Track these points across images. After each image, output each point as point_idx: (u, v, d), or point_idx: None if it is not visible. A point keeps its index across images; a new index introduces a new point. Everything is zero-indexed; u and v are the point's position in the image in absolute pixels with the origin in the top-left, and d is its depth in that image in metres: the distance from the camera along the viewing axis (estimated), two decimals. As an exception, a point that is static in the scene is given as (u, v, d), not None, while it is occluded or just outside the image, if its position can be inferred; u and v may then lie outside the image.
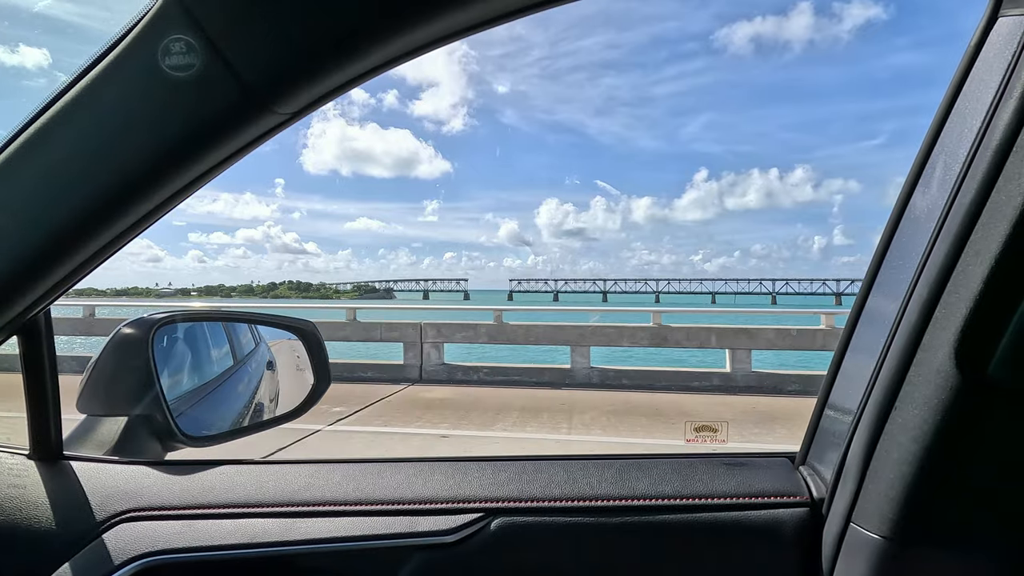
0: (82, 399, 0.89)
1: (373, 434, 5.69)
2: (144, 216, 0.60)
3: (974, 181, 0.53)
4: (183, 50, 0.50)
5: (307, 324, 1.12)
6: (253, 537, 0.72)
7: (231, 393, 1.37)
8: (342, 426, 5.95)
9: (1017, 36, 0.52)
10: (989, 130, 0.52)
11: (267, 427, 1.08)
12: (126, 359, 0.90)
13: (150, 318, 0.94)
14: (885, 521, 0.59)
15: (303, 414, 1.13)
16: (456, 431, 5.77)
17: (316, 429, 5.66)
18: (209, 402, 1.25)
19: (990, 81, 0.54)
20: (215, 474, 0.79)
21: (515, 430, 5.85)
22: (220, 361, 1.37)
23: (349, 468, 0.79)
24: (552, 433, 5.75)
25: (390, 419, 6.34)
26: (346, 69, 0.52)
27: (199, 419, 1.19)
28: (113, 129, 0.54)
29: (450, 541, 0.71)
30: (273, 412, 1.47)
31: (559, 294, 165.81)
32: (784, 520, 0.69)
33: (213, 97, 0.51)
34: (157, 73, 0.51)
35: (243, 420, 1.36)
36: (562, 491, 0.73)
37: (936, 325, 0.55)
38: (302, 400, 1.13)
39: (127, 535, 0.72)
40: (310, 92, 0.54)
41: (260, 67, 0.50)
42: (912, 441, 0.57)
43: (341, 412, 6.40)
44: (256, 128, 0.55)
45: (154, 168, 0.55)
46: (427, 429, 5.86)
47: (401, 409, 6.80)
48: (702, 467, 0.75)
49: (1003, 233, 0.50)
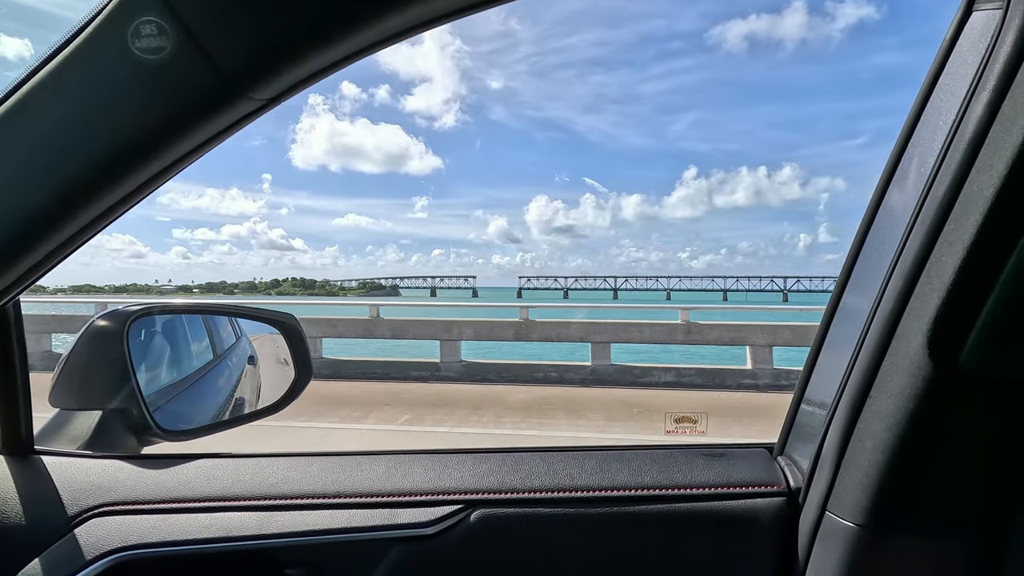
0: (55, 393, 0.87)
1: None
2: (116, 204, 0.58)
3: (948, 173, 0.53)
4: (153, 32, 0.48)
5: (287, 317, 1.10)
6: (229, 531, 0.71)
7: (211, 387, 1.35)
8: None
9: (991, 30, 0.52)
10: (962, 123, 0.53)
11: (247, 421, 1.06)
12: (100, 352, 0.88)
13: (125, 310, 0.92)
14: (859, 509, 0.59)
15: (284, 408, 1.12)
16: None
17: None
18: (188, 396, 1.24)
19: (964, 75, 0.54)
20: (191, 468, 0.78)
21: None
22: (200, 355, 1.35)
23: (328, 460, 0.78)
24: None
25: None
26: (324, 54, 0.51)
27: (178, 413, 1.18)
28: (82, 114, 0.52)
29: (429, 533, 0.70)
30: (255, 406, 1.45)
31: (569, 291, 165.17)
32: (761, 509, 0.69)
33: (185, 81, 0.50)
34: (127, 56, 0.49)
35: (224, 414, 1.34)
36: (542, 482, 0.73)
37: (910, 315, 0.56)
38: (283, 394, 1.12)
39: (99, 530, 0.71)
40: (287, 77, 0.53)
41: (234, 51, 0.49)
42: (886, 430, 0.58)
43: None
44: (231, 114, 0.54)
45: (125, 154, 0.54)
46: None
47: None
48: (681, 458, 0.75)
49: (975, 224, 0.51)
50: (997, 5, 0.52)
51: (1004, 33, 0.50)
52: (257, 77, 0.51)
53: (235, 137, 0.62)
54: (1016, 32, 0.49)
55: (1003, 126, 0.50)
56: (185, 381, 1.25)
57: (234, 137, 0.62)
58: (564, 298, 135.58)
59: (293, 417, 5.71)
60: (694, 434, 1.58)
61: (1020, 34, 0.49)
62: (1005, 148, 0.49)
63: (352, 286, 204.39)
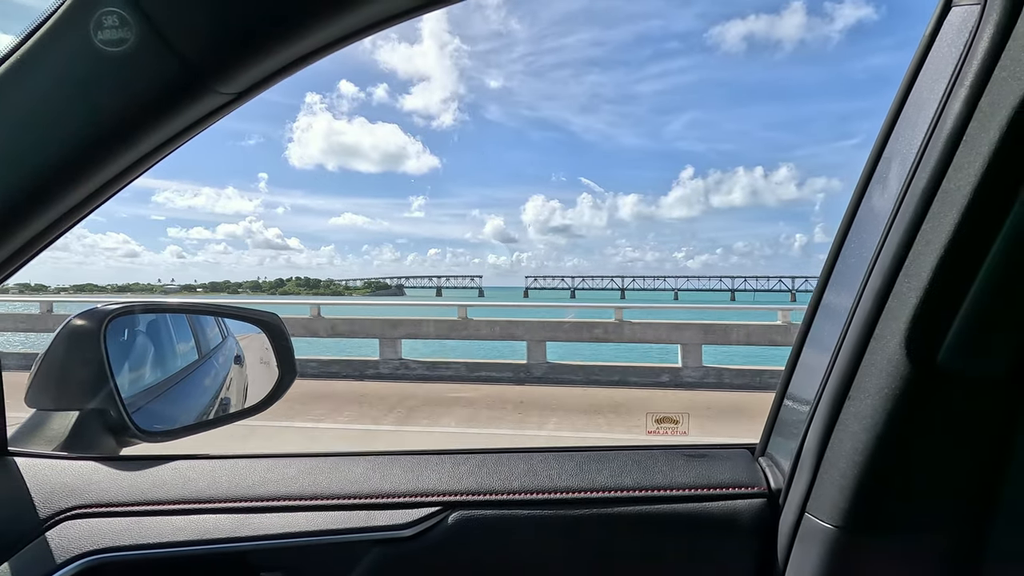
0: (31, 393, 0.86)
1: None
2: (86, 199, 0.57)
3: (926, 171, 0.53)
4: (116, 24, 0.47)
5: (271, 316, 1.09)
6: (204, 533, 0.70)
7: (196, 387, 1.34)
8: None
9: (969, 26, 0.51)
10: (941, 120, 0.52)
11: (228, 421, 1.05)
12: (77, 351, 0.87)
13: (103, 309, 0.91)
14: (838, 511, 0.59)
15: (268, 408, 1.11)
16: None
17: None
18: (171, 396, 1.22)
19: (943, 72, 0.54)
20: (167, 469, 0.76)
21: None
22: (184, 355, 1.34)
23: (306, 462, 0.77)
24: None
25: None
26: (292, 47, 0.50)
27: (161, 414, 1.16)
28: (45, 108, 0.51)
29: (407, 535, 0.69)
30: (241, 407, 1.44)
31: (576, 291, 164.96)
32: (741, 511, 0.69)
33: (149, 74, 0.49)
34: (90, 49, 0.48)
35: (208, 414, 1.33)
36: (522, 483, 0.72)
37: (888, 315, 0.55)
38: (267, 394, 1.10)
39: (72, 533, 0.69)
40: (254, 71, 0.52)
41: (198, 43, 0.48)
42: (864, 431, 0.57)
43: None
44: (199, 108, 0.53)
45: (92, 148, 0.52)
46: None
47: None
48: (662, 459, 0.75)
49: (952, 223, 0.50)
50: (975, 1, 0.51)
51: (982, 29, 0.50)
52: (224, 70, 0.50)
53: (231, 135, 0.62)
54: (994, 28, 0.49)
55: (980, 123, 0.49)
56: (168, 381, 1.23)
57: (230, 135, 0.61)
58: (571, 298, 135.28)
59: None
60: (676, 434, 1.56)
61: (997, 30, 0.48)
62: (982, 146, 0.49)
63: (357, 285, 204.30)
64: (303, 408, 6.45)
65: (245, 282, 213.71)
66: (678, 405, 6.92)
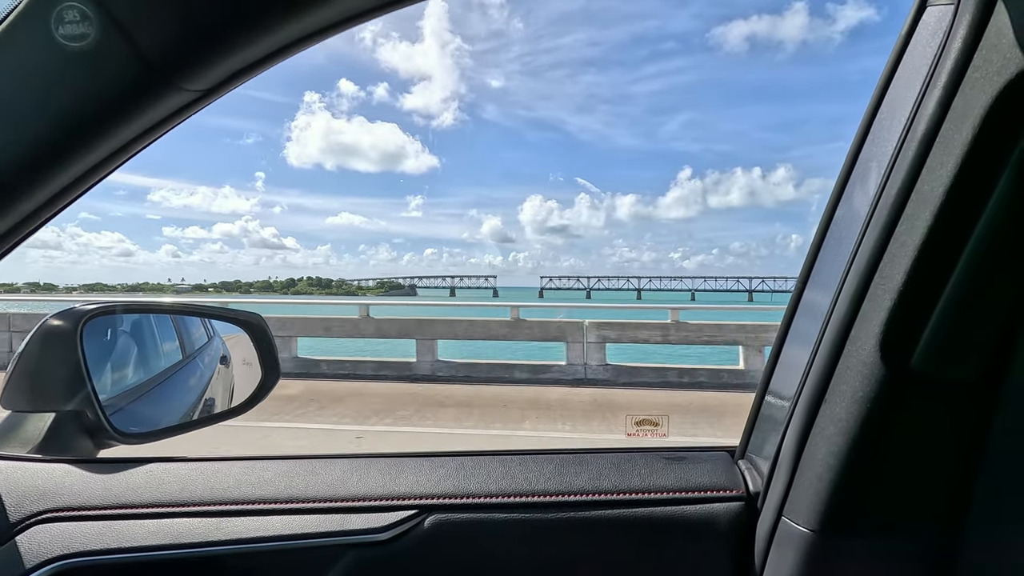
0: (6, 394, 0.84)
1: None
2: (48, 201, 0.56)
3: (901, 172, 0.52)
4: (77, 18, 0.46)
5: (253, 316, 1.08)
6: (177, 537, 0.69)
7: (179, 388, 1.33)
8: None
9: (943, 26, 0.51)
10: (915, 121, 0.52)
11: (209, 423, 1.04)
12: (53, 352, 0.86)
13: (80, 309, 0.89)
14: (814, 514, 0.58)
15: (251, 409, 1.10)
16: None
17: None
18: (154, 397, 1.21)
19: (918, 72, 0.53)
20: (141, 473, 0.75)
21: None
22: (168, 356, 1.32)
23: (281, 465, 0.76)
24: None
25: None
26: (258, 44, 0.50)
27: (143, 414, 1.15)
28: (6, 104, 0.50)
29: (382, 539, 0.69)
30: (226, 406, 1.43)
31: (591, 292, 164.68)
32: (719, 514, 0.68)
33: (113, 71, 0.48)
34: (51, 44, 0.47)
35: (192, 415, 1.32)
36: (499, 487, 0.71)
37: (863, 318, 0.55)
38: (250, 395, 1.09)
39: (42, 537, 0.68)
40: (220, 68, 0.51)
41: (160, 39, 0.47)
42: (840, 434, 0.56)
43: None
44: (164, 106, 0.52)
45: (53, 148, 0.52)
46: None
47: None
48: (641, 462, 0.74)
49: (926, 224, 0.50)
50: (949, 0, 0.51)
51: (955, 29, 0.49)
52: (188, 67, 0.49)
53: (229, 134, 0.61)
54: (967, 28, 0.48)
55: (954, 124, 0.49)
56: (151, 382, 1.22)
57: (228, 134, 0.61)
58: (587, 298, 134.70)
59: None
60: (656, 436, 1.54)
61: (971, 30, 0.48)
62: (955, 146, 0.48)
63: (370, 285, 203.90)
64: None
65: (256, 282, 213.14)
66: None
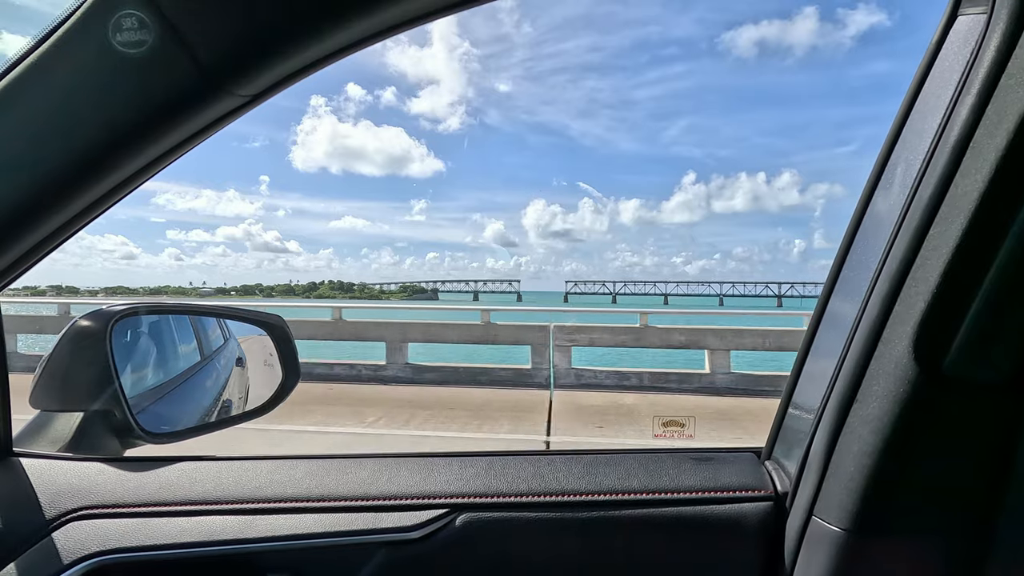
0: (35, 394, 0.85)
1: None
2: (97, 200, 0.58)
3: (933, 177, 0.53)
4: (135, 26, 0.48)
5: (275, 318, 1.09)
6: (210, 535, 0.70)
7: (198, 389, 1.34)
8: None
9: (975, 35, 0.52)
10: (947, 127, 0.53)
11: (232, 423, 1.05)
12: (82, 353, 0.87)
13: (108, 310, 0.90)
14: (845, 513, 0.59)
15: (271, 410, 1.11)
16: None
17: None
18: (174, 398, 1.22)
19: (950, 79, 0.54)
20: (173, 471, 0.76)
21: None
22: (187, 356, 1.33)
23: (312, 464, 0.77)
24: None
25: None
26: (309, 50, 0.51)
27: (163, 415, 1.16)
28: (62, 109, 0.51)
29: (414, 537, 0.69)
30: (242, 408, 1.44)
31: (617, 296, 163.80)
32: (748, 514, 0.69)
33: (167, 76, 0.49)
34: (108, 50, 0.48)
35: (210, 416, 1.33)
36: (528, 486, 0.72)
37: (896, 320, 0.56)
38: (270, 396, 1.10)
39: (78, 534, 0.69)
40: (271, 73, 0.52)
41: (217, 46, 0.49)
42: (872, 434, 0.57)
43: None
44: (214, 110, 0.53)
45: (106, 150, 0.53)
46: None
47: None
48: (669, 462, 0.75)
49: (960, 229, 0.51)
50: (982, 9, 0.52)
51: (988, 38, 0.50)
52: (240, 73, 0.50)
53: (234, 138, 0.62)
54: (1000, 37, 0.49)
55: (987, 130, 0.50)
56: (171, 383, 1.23)
57: (233, 138, 0.62)
58: (612, 303, 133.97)
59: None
60: (682, 438, 1.55)
61: (1004, 39, 0.49)
62: (989, 152, 0.49)
63: (393, 289, 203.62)
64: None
65: (278, 285, 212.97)
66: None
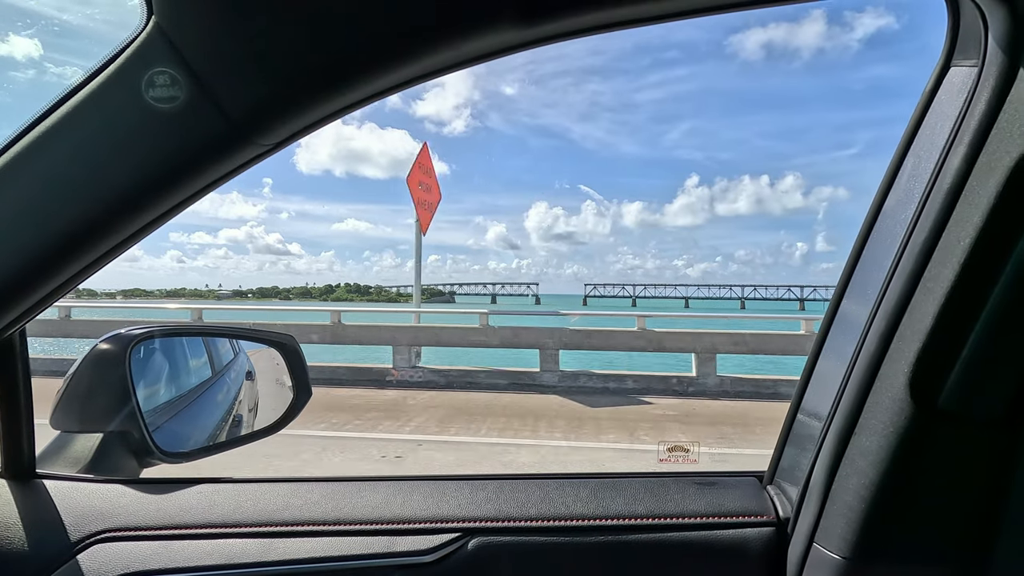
0: (56, 415, 0.88)
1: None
2: (124, 240, 0.60)
3: (927, 222, 0.56)
4: (167, 83, 0.50)
5: (287, 338, 1.12)
6: (231, 558, 0.72)
7: (209, 405, 1.36)
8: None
9: (967, 86, 0.55)
10: (941, 174, 0.55)
11: (245, 442, 1.07)
12: (102, 375, 0.89)
13: (128, 333, 0.93)
14: (845, 542, 0.61)
15: (284, 426, 1.13)
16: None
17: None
18: (187, 415, 1.24)
19: (943, 128, 0.57)
20: (192, 493, 0.79)
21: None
22: (198, 372, 1.36)
23: (327, 487, 0.79)
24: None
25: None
26: (331, 102, 0.53)
27: (176, 432, 1.18)
28: (94, 156, 0.54)
29: (428, 561, 0.72)
30: (252, 422, 1.46)
31: (637, 299, 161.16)
32: (751, 539, 0.71)
33: (196, 130, 0.52)
34: (140, 104, 0.51)
35: (221, 432, 1.35)
36: (538, 510, 0.74)
37: (891, 358, 0.58)
38: (282, 413, 1.13)
39: (103, 556, 0.71)
40: (293, 124, 0.55)
41: (244, 101, 0.51)
42: (870, 466, 0.60)
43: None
44: (238, 158, 0.56)
45: (134, 194, 0.55)
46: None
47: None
48: (674, 486, 0.77)
49: (953, 272, 0.53)
50: (973, 63, 0.55)
51: (980, 90, 0.53)
52: (265, 125, 0.53)
53: None
54: (991, 90, 0.52)
55: (979, 179, 0.52)
56: (184, 399, 1.26)
57: None
58: (632, 306, 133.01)
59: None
60: (687, 463, 1.57)
61: (994, 92, 0.52)
62: (981, 200, 0.52)
63: (410, 292, 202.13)
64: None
65: (294, 288, 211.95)
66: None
